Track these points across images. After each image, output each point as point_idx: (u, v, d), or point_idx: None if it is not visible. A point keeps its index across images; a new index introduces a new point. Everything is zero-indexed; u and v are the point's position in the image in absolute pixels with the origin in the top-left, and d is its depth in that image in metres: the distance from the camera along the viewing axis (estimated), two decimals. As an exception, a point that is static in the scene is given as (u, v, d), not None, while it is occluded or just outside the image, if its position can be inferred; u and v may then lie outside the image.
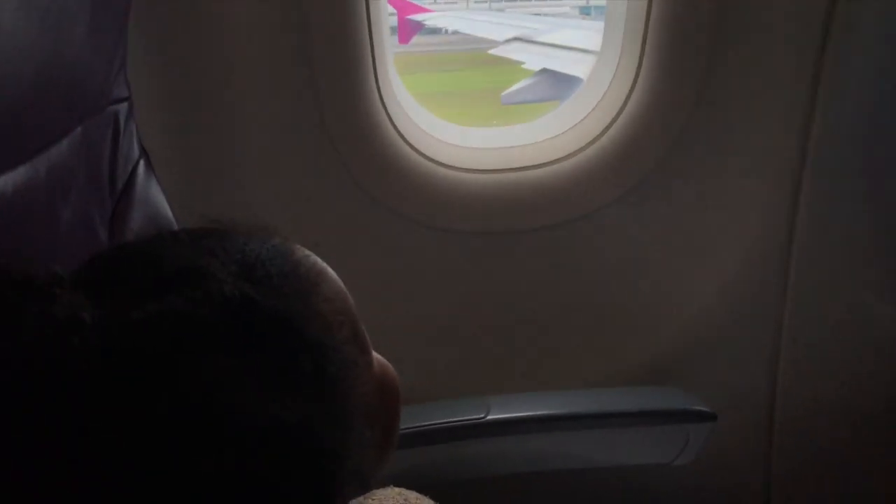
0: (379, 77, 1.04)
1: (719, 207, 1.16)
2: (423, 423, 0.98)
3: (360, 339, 0.52)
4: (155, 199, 0.75)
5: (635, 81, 1.10)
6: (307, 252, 0.52)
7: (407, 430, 0.96)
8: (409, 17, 5.88)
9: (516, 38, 4.88)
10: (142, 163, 0.75)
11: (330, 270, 0.52)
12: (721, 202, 1.15)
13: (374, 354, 0.55)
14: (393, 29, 1.06)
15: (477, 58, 6.02)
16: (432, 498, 0.93)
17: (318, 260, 0.52)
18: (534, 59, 4.66)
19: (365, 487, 0.52)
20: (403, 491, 0.92)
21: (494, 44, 5.09)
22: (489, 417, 0.99)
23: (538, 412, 1.02)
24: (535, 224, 1.13)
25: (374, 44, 1.02)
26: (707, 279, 1.17)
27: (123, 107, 0.74)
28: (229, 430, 0.40)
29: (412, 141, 1.08)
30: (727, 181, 1.14)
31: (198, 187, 0.99)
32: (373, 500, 0.89)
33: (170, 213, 0.76)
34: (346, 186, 1.04)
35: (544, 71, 4.51)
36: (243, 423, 0.40)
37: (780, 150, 1.14)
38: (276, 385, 0.42)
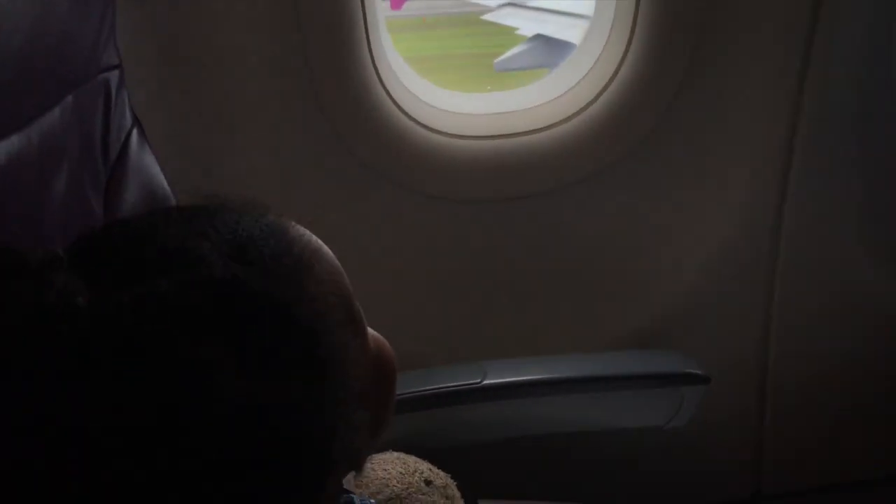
0: (372, 44, 1.03)
1: (713, 173, 1.16)
2: (421, 389, 0.99)
3: (355, 319, 0.51)
4: (149, 167, 0.74)
5: (628, 47, 1.09)
6: (301, 231, 0.51)
7: (405, 396, 0.97)
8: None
9: (510, 3, 4.83)
10: (135, 131, 0.75)
11: (325, 249, 0.51)
12: (714, 168, 1.15)
13: (370, 332, 0.54)
14: (385, -6, 1.06)
15: (470, 21, 5.95)
16: (430, 462, 0.95)
17: (313, 238, 0.51)
18: (527, 25, 4.60)
19: (357, 468, 0.53)
20: (402, 455, 0.94)
21: (488, 9, 5.03)
22: (485, 382, 1.00)
23: (534, 377, 1.04)
24: (528, 191, 1.13)
25: (367, 10, 1.01)
26: (701, 244, 1.18)
27: (114, 75, 0.73)
28: (216, 414, 0.40)
29: (405, 107, 1.07)
30: (720, 148, 1.14)
31: (189, 156, 0.98)
32: (372, 464, 0.91)
33: (164, 182, 0.75)
34: (338, 155, 1.04)
35: (538, 37, 4.46)
36: (229, 407, 0.40)
37: (772, 117, 1.14)
38: (264, 370, 0.42)
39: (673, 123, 1.11)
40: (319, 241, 0.52)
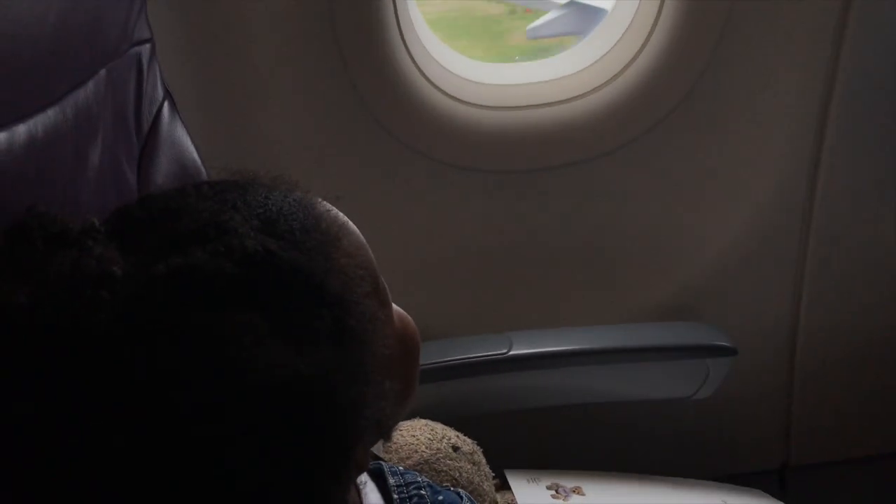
0: (399, 15, 1.02)
1: (744, 142, 1.14)
2: (448, 359, 1.00)
3: (381, 293, 0.52)
4: (180, 140, 0.75)
5: (659, 13, 1.07)
6: (328, 206, 0.52)
7: (432, 365, 0.98)
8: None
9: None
10: (166, 104, 0.76)
11: (351, 225, 0.52)
12: (746, 136, 1.14)
13: (395, 307, 0.55)
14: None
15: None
16: (456, 429, 0.96)
17: (340, 214, 0.52)
18: (562, -11, 4.50)
19: (385, 436, 0.54)
20: (430, 422, 0.95)
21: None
22: (511, 352, 1.01)
23: (559, 347, 1.04)
24: (556, 161, 1.12)
25: (394, -20, 1.00)
26: (731, 214, 1.17)
27: (146, 48, 0.74)
28: (250, 381, 0.41)
29: (433, 79, 1.07)
30: (752, 116, 1.13)
31: (219, 129, 0.99)
32: (401, 431, 0.92)
33: (195, 154, 0.76)
34: (367, 127, 1.04)
35: (571, 3, 4.38)
36: (263, 375, 0.41)
37: (806, 84, 1.11)
38: (296, 338, 0.43)
39: (705, 91, 1.09)
40: (345, 218, 0.53)
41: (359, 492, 0.58)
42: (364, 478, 0.59)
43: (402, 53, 1.03)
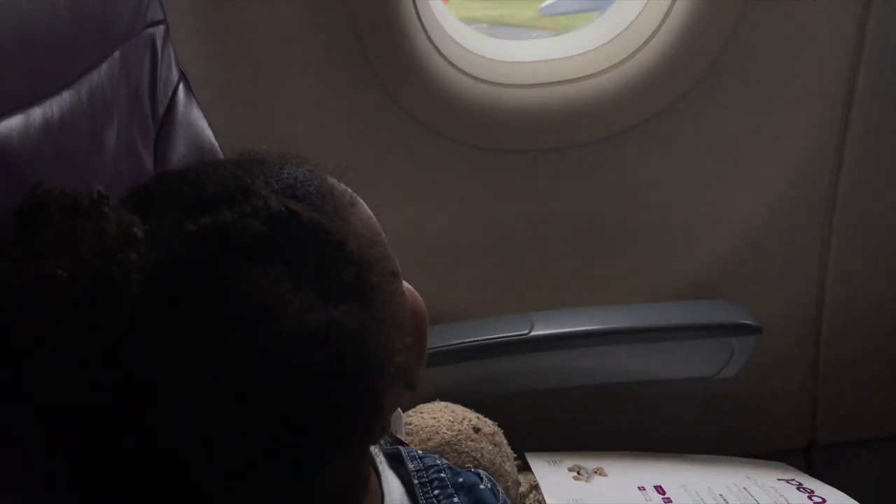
0: (415, -8, 1.01)
1: (769, 118, 1.12)
2: (468, 340, 1.00)
3: (392, 263, 0.53)
4: (196, 121, 0.75)
5: (681, -16, 1.05)
6: (337, 181, 0.53)
7: (452, 346, 0.98)
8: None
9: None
10: (181, 86, 0.75)
11: (359, 199, 0.54)
12: (770, 112, 1.11)
13: (405, 283, 0.56)
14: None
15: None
16: (477, 411, 0.96)
17: (348, 188, 0.54)
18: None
19: (411, 388, 0.54)
20: (450, 404, 0.95)
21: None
22: (532, 333, 1.01)
23: (581, 328, 1.03)
24: (576, 139, 1.11)
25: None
26: (754, 191, 1.15)
27: (159, 29, 0.74)
28: (284, 327, 0.42)
29: (450, 57, 1.06)
30: (775, 93, 1.10)
31: (234, 109, 0.99)
32: (421, 412, 0.92)
33: (212, 136, 0.76)
34: (383, 106, 1.03)
35: (584, -21, 4.32)
36: (297, 321, 0.43)
37: (832, 58, 1.09)
38: (323, 291, 0.44)
39: (726, 68, 1.07)
40: (354, 194, 0.54)
41: (379, 479, 0.58)
42: (383, 466, 0.59)
43: (418, 31, 1.02)
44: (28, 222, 0.43)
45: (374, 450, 0.61)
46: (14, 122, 0.49)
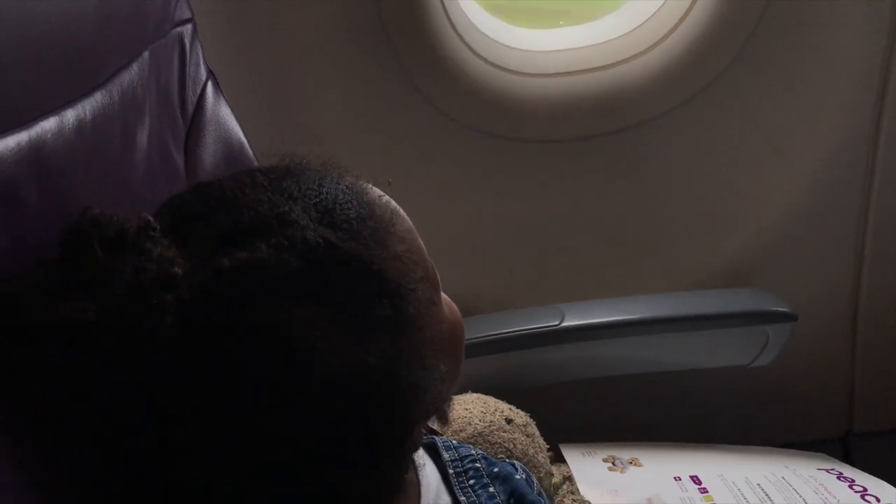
0: (439, -18, 1.00)
1: (802, 101, 1.10)
2: (500, 332, 0.99)
3: (432, 277, 0.53)
4: (225, 119, 0.75)
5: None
6: (378, 192, 0.52)
7: (484, 339, 0.98)
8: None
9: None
10: (210, 84, 0.76)
11: (401, 210, 0.53)
12: (802, 98, 1.09)
13: (443, 296, 0.55)
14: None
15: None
16: (508, 402, 0.95)
17: (391, 200, 0.53)
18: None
19: (440, 418, 0.54)
20: (482, 396, 0.95)
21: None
22: (563, 324, 1.00)
23: (613, 318, 1.02)
24: (603, 128, 1.10)
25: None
26: (788, 177, 1.13)
27: (188, 28, 0.74)
28: (316, 374, 0.42)
29: (475, 47, 1.05)
30: (808, 76, 1.08)
31: (262, 105, 0.99)
32: (454, 403, 0.92)
33: (241, 134, 0.76)
34: (409, 98, 1.03)
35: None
36: (329, 367, 0.42)
37: (866, 42, 1.06)
38: (358, 328, 0.44)
39: (756, 53, 1.05)
40: (395, 203, 0.53)
41: (416, 471, 0.58)
42: (422, 459, 0.60)
43: (442, 21, 1.01)
44: (70, 252, 0.43)
45: None
46: (48, 125, 0.49)
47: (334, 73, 1.02)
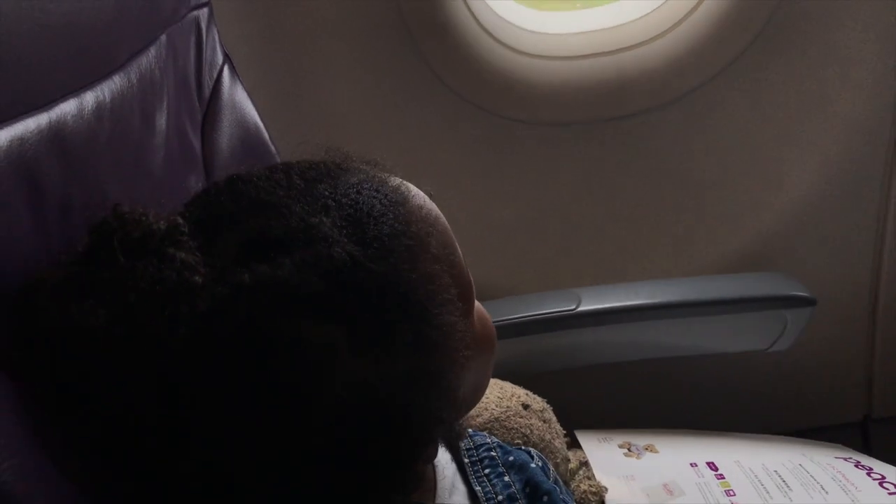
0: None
1: (820, 86, 1.08)
2: (516, 316, 0.99)
3: (465, 292, 0.51)
4: (242, 103, 0.75)
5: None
6: (420, 201, 0.50)
7: (500, 323, 0.97)
8: None
9: None
10: (226, 68, 0.76)
11: (441, 220, 0.51)
12: (822, 80, 1.08)
13: (476, 304, 0.54)
14: None
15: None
16: (525, 387, 0.95)
17: (432, 209, 0.51)
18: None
19: (453, 442, 0.54)
20: (498, 381, 0.95)
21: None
22: (580, 309, 0.99)
23: (629, 302, 1.02)
24: (621, 111, 1.09)
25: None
26: (808, 159, 1.12)
27: (203, 12, 0.74)
28: (326, 399, 0.42)
29: (489, 27, 1.04)
30: (828, 58, 1.06)
31: (278, 88, 0.99)
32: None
33: (257, 117, 0.76)
34: (426, 82, 1.02)
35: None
36: (340, 392, 0.42)
37: (887, 24, 1.04)
38: (376, 352, 0.43)
39: (777, 33, 1.04)
40: (436, 212, 0.51)
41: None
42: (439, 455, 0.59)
43: (458, 4, 1.00)
44: (93, 251, 0.43)
45: None
46: (68, 107, 0.49)
47: (349, 55, 1.01)
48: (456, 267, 0.50)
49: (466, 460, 0.61)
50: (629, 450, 0.97)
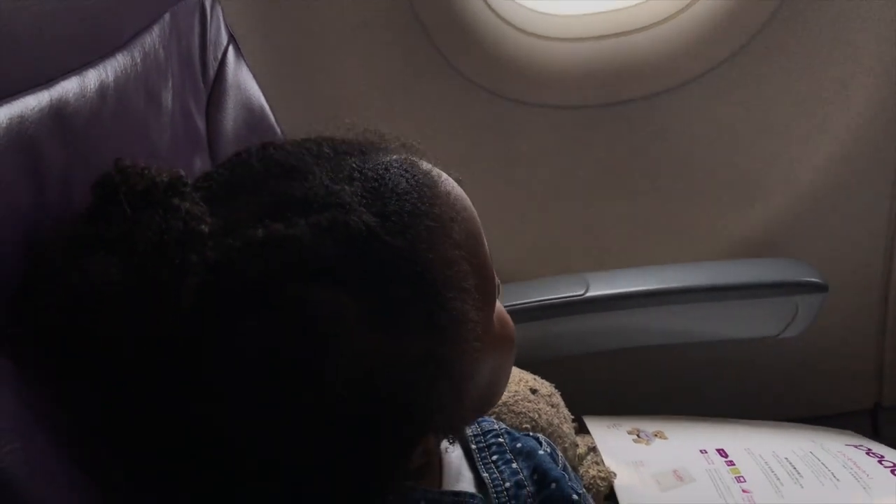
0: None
1: (833, 65, 1.07)
2: (523, 301, 0.98)
3: (485, 285, 0.50)
4: (246, 84, 0.74)
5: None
6: (449, 187, 0.49)
7: (508, 308, 0.96)
8: None
9: None
10: (231, 48, 0.75)
11: (469, 209, 0.50)
12: (834, 64, 1.06)
13: (497, 305, 0.53)
14: None
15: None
16: (533, 372, 0.95)
17: (460, 197, 0.50)
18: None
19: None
20: (506, 366, 0.94)
21: None
22: (588, 294, 0.98)
23: (638, 287, 1.01)
24: (630, 94, 1.07)
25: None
26: (820, 144, 1.10)
27: (208, -9, 0.73)
28: (331, 365, 0.41)
29: (498, 9, 1.03)
30: (840, 41, 1.05)
31: (283, 69, 0.98)
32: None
33: (262, 99, 0.75)
34: (433, 63, 1.01)
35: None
36: (346, 360, 0.41)
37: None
38: (384, 328, 0.42)
39: (789, 15, 1.02)
40: (465, 201, 0.50)
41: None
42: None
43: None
44: (99, 206, 0.42)
45: None
46: (69, 84, 0.49)
47: (356, 37, 1.00)
48: (479, 258, 0.49)
49: (473, 446, 0.60)
50: (638, 436, 0.97)
